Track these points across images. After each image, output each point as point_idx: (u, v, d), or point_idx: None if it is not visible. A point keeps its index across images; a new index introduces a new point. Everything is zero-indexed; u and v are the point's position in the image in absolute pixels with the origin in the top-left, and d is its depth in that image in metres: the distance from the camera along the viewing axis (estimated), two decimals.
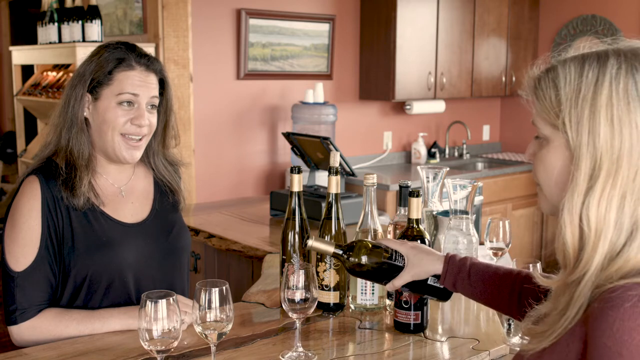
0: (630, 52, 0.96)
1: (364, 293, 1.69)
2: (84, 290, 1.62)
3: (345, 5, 4.27)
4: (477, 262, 1.42)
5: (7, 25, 6.34)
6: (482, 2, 4.64)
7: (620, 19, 4.65)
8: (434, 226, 1.96)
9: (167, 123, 1.76)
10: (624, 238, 0.94)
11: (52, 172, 1.62)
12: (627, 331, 0.85)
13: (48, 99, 3.59)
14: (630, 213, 0.93)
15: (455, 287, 1.42)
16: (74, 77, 1.67)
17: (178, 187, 1.82)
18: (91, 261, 1.60)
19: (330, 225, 1.68)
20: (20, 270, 1.57)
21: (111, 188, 1.71)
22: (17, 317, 1.56)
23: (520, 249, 4.53)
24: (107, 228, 1.64)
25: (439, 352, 1.50)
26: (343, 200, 2.59)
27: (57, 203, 1.59)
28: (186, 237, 1.82)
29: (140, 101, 1.64)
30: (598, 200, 0.94)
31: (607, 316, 0.88)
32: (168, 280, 1.73)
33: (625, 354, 0.86)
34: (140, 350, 1.41)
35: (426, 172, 1.95)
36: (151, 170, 1.81)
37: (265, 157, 4.01)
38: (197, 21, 3.60)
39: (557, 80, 0.99)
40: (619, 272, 0.92)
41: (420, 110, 4.58)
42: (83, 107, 1.64)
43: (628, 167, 0.93)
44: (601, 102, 0.94)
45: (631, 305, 0.86)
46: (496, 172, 4.49)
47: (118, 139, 1.63)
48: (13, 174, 5.71)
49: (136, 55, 1.65)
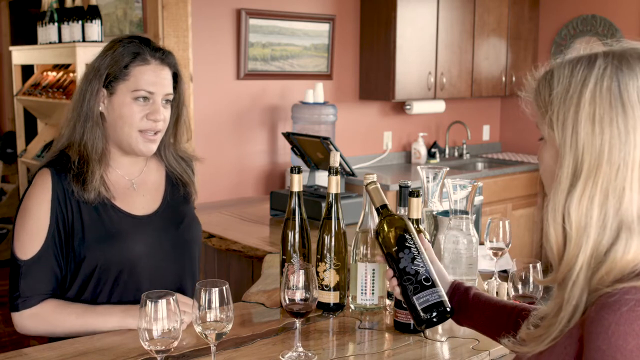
0: (619, 54, 0.97)
1: (364, 293, 1.69)
2: (92, 282, 1.63)
3: (345, 5, 4.26)
4: (480, 292, 1.41)
5: (7, 25, 6.34)
6: (482, 2, 4.64)
7: (620, 19, 4.65)
8: (434, 226, 1.96)
9: (179, 117, 1.78)
10: (609, 238, 0.93)
11: (64, 166, 1.64)
12: (622, 335, 0.85)
13: (48, 99, 3.59)
14: (614, 212, 0.93)
15: (456, 313, 1.41)
16: (88, 71, 1.67)
17: (190, 180, 1.83)
18: (100, 252, 1.62)
19: (330, 225, 1.68)
20: (26, 259, 1.59)
21: (123, 181, 1.72)
22: (19, 304, 1.59)
23: (520, 249, 4.52)
24: (117, 220, 1.65)
25: (439, 352, 1.50)
26: (343, 200, 2.59)
27: (68, 196, 1.61)
28: (197, 229, 1.83)
29: (156, 98, 1.65)
30: (579, 199, 0.94)
31: (603, 319, 0.88)
32: (178, 272, 1.74)
33: (619, 359, 0.85)
34: (140, 350, 1.41)
35: (426, 172, 1.95)
36: (163, 163, 1.82)
37: (265, 157, 4.01)
38: (197, 21, 3.60)
39: (552, 81, 1.01)
40: (611, 275, 0.92)
41: (420, 110, 4.58)
42: (98, 102, 1.65)
43: (609, 166, 0.93)
44: (585, 101, 0.95)
45: (628, 309, 0.86)
46: (496, 172, 4.49)
47: (135, 134, 1.65)
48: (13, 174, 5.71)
49: (151, 49, 1.67)
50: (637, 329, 0.85)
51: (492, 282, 1.92)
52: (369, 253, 1.68)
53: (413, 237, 1.43)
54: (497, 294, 1.87)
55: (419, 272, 1.38)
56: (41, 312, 1.59)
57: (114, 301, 1.66)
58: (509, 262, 2.06)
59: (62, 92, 3.49)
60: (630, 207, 0.93)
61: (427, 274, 1.38)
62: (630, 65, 0.95)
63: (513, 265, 1.57)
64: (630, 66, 0.95)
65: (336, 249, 1.68)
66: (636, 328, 0.85)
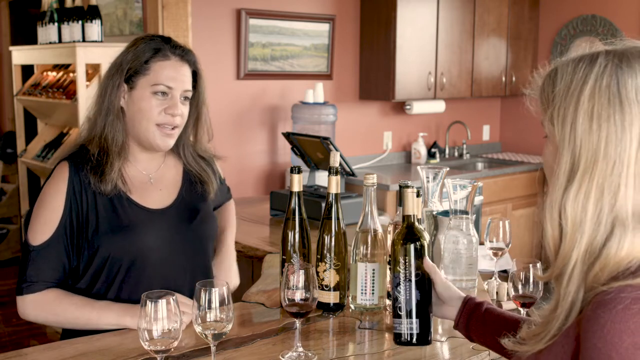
0: (620, 52, 0.98)
1: (364, 293, 1.69)
2: (104, 274, 1.66)
3: (345, 5, 4.26)
4: (493, 307, 1.38)
5: (7, 25, 6.33)
6: (482, 2, 4.64)
7: (620, 19, 4.65)
8: (434, 226, 1.96)
9: (199, 116, 1.80)
10: (604, 234, 0.94)
11: (83, 159, 1.67)
12: (617, 333, 0.86)
13: (48, 99, 3.59)
14: (609, 208, 0.94)
15: (467, 329, 1.38)
16: (110, 67, 1.72)
17: (208, 179, 1.84)
18: (112, 243, 1.64)
19: (330, 225, 1.68)
20: (36, 245, 1.62)
21: (140, 175, 1.75)
22: (24, 288, 1.62)
23: (520, 249, 4.52)
24: (131, 212, 1.68)
25: (439, 352, 1.50)
26: (343, 200, 2.59)
27: (84, 187, 1.65)
28: (212, 225, 1.84)
29: (174, 93, 1.68)
30: (575, 195, 0.95)
31: (598, 317, 0.88)
32: (190, 267, 1.75)
33: (614, 357, 0.86)
34: (140, 350, 1.41)
35: (426, 172, 1.95)
36: (181, 160, 1.84)
37: (265, 157, 4.01)
38: (197, 21, 3.60)
39: (555, 78, 1.02)
40: (605, 271, 0.93)
41: (420, 110, 4.58)
42: (119, 96, 1.69)
43: (605, 162, 0.94)
44: (584, 98, 0.96)
45: (623, 307, 0.86)
46: (496, 172, 4.49)
47: (153, 128, 1.68)
48: (13, 174, 5.70)
49: (171, 46, 1.71)
50: (632, 326, 0.85)
51: (492, 282, 1.92)
52: (369, 253, 1.68)
53: (408, 263, 1.41)
54: (497, 294, 1.87)
55: (398, 299, 1.42)
56: (43, 299, 1.61)
57: (124, 295, 1.67)
58: (509, 262, 2.06)
59: (62, 92, 3.49)
60: (624, 204, 0.93)
61: (403, 303, 1.41)
62: (630, 63, 0.96)
63: (513, 265, 1.57)
64: (630, 64, 0.96)
65: (336, 249, 1.68)
66: (631, 326, 0.85)
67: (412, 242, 1.42)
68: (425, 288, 1.42)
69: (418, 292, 1.40)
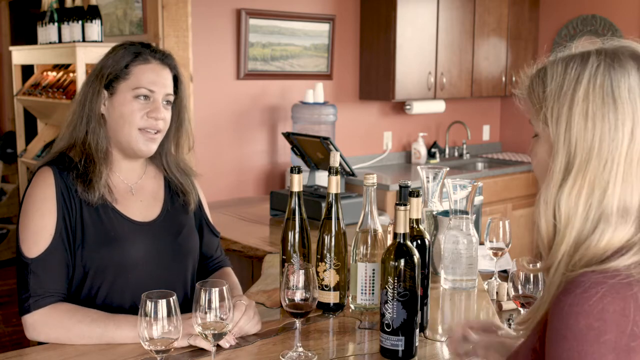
0: (611, 52, 1.00)
1: (364, 293, 1.69)
2: (87, 285, 1.60)
3: (345, 5, 4.26)
4: None
5: (7, 25, 6.34)
6: (482, 2, 4.64)
7: (620, 19, 4.65)
8: (434, 226, 1.96)
9: (180, 122, 1.76)
10: (590, 228, 0.97)
11: (65, 165, 1.62)
12: (574, 315, 0.88)
13: (48, 99, 3.59)
14: (597, 204, 0.96)
15: None
16: (90, 74, 1.69)
17: (190, 189, 1.80)
18: (97, 255, 1.59)
19: (330, 225, 1.68)
20: (34, 257, 1.54)
21: (122, 185, 1.71)
22: (30, 304, 1.51)
23: (520, 249, 4.52)
24: (117, 224, 1.64)
25: (439, 352, 1.50)
26: (343, 200, 2.59)
27: (72, 194, 1.60)
28: (195, 239, 1.81)
29: (156, 97, 1.65)
30: (569, 192, 0.97)
31: (560, 302, 0.91)
32: (172, 280, 1.70)
33: (569, 337, 0.88)
34: (140, 350, 1.41)
35: (426, 172, 1.96)
36: (162, 170, 1.80)
37: (265, 157, 4.01)
38: (197, 21, 3.60)
39: (545, 78, 1.03)
40: (582, 260, 0.96)
41: (420, 110, 4.58)
42: (100, 103, 1.65)
43: (598, 160, 0.96)
44: (578, 97, 0.98)
45: (581, 291, 0.89)
46: (496, 172, 4.49)
47: (135, 133, 1.64)
48: (13, 174, 5.71)
49: (151, 50, 1.69)
50: (587, 309, 0.88)
51: (492, 282, 1.92)
52: (369, 253, 1.68)
53: (396, 282, 1.40)
54: (497, 294, 1.88)
55: (385, 315, 1.43)
56: (54, 313, 1.51)
57: (106, 308, 1.60)
58: (509, 262, 2.06)
59: (62, 92, 3.49)
60: (611, 200, 0.96)
61: (390, 321, 1.42)
62: (622, 62, 0.98)
63: (513, 265, 1.57)
64: (622, 64, 0.98)
65: (336, 249, 1.68)
66: (587, 308, 0.88)
67: (401, 260, 1.41)
68: (412, 306, 1.42)
69: (404, 312, 1.41)
